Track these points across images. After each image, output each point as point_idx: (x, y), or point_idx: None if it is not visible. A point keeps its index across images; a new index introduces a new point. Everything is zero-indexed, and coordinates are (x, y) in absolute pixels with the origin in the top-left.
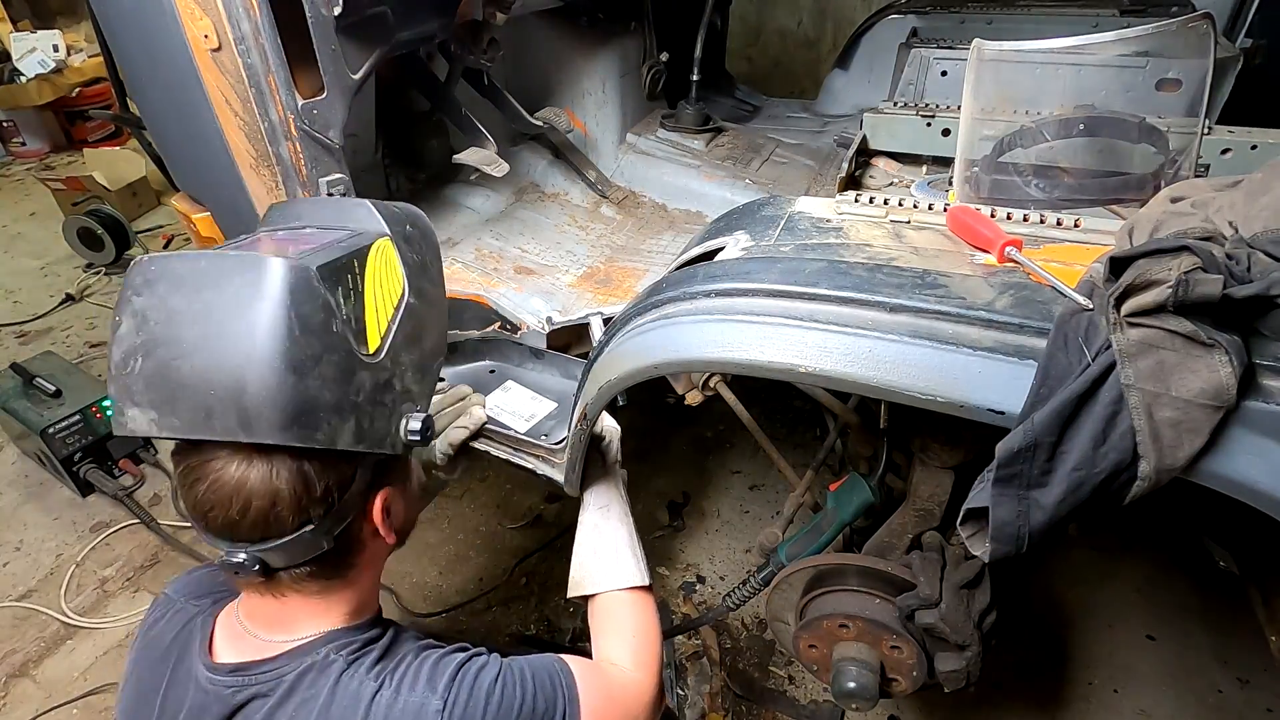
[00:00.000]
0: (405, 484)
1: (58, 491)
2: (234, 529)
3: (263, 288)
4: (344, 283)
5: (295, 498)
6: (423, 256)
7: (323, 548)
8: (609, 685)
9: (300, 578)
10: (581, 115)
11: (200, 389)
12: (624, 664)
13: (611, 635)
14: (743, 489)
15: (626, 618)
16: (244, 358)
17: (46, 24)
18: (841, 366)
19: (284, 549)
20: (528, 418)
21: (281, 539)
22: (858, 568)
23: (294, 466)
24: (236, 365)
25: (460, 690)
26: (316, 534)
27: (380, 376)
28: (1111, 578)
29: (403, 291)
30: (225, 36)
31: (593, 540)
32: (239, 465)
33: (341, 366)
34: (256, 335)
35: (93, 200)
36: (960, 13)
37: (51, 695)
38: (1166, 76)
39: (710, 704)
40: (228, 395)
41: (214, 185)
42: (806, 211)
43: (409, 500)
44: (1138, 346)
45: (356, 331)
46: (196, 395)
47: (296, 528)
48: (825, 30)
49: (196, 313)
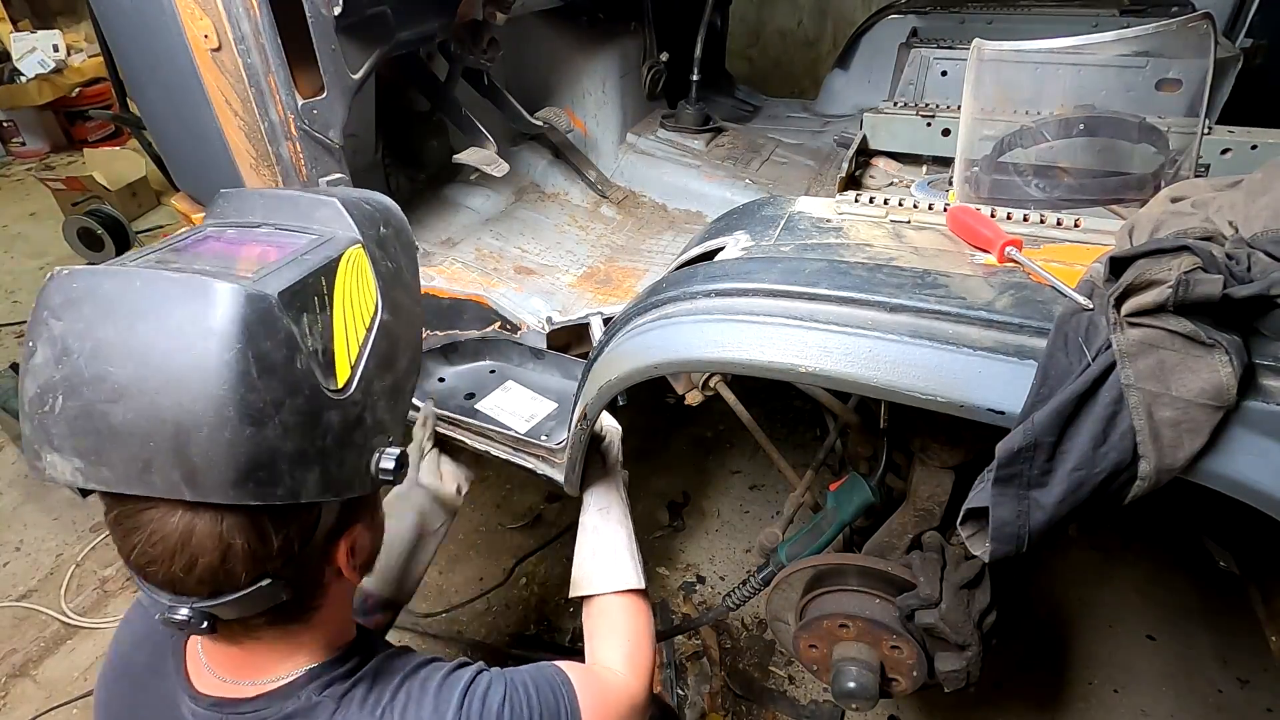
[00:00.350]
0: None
1: (58, 491)
2: (177, 584)
3: (212, 321)
4: (309, 307)
5: (249, 551)
6: (397, 262)
7: (281, 599)
8: (604, 690)
9: (256, 627)
10: (581, 115)
11: (136, 438)
12: (617, 667)
13: (606, 638)
14: (743, 489)
15: (621, 621)
16: (190, 404)
17: (46, 24)
18: (841, 366)
19: (236, 604)
20: (528, 418)
21: (234, 594)
22: (858, 568)
23: (246, 519)
24: (180, 413)
25: (470, 713)
26: (274, 587)
27: (350, 413)
28: (1111, 578)
29: (376, 308)
30: (225, 36)
31: (591, 542)
32: (182, 515)
33: (306, 410)
34: (205, 379)
35: (93, 200)
36: (960, 13)
37: (51, 695)
38: (1166, 76)
39: (710, 704)
40: (169, 447)
41: (214, 185)
42: (806, 211)
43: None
44: (1138, 346)
45: (324, 364)
46: (131, 445)
47: (251, 582)
48: (825, 30)
49: (130, 347)
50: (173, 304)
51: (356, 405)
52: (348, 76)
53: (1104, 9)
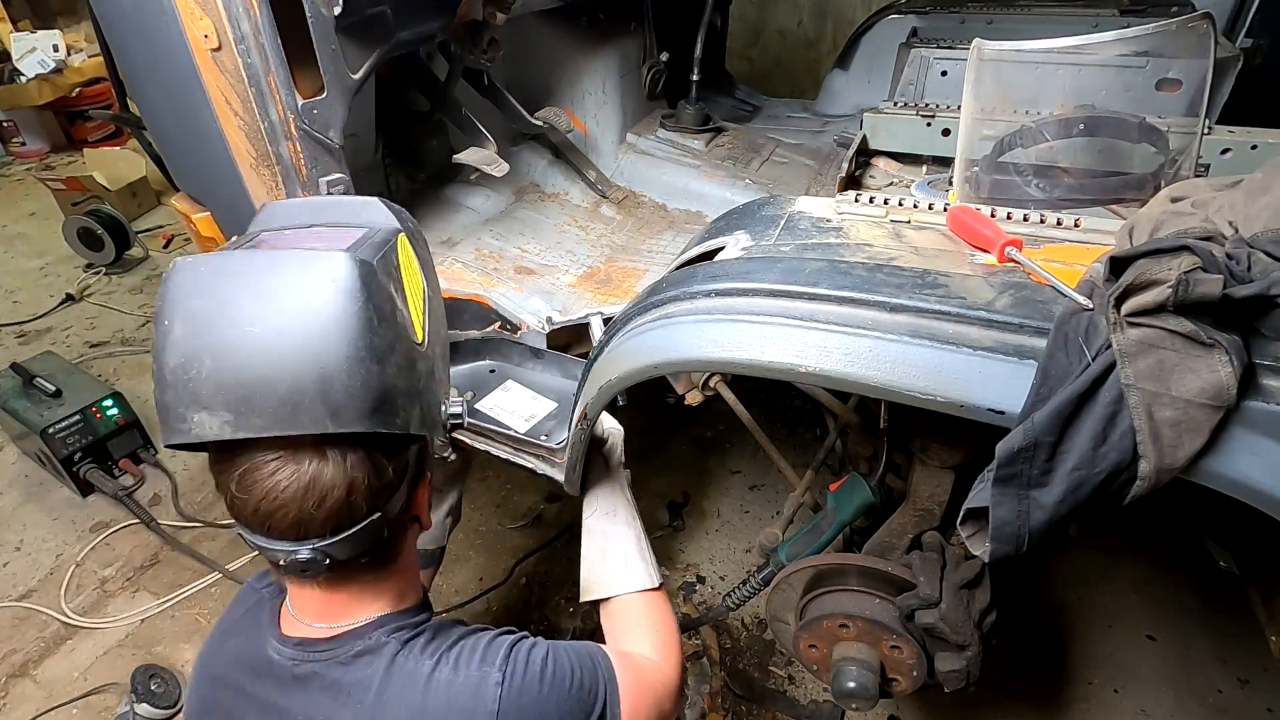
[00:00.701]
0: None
1: (58, 491)
2: (305, 525)
3: (337, 282)
4: (392, 276)
5: (369, 484)
6: (426, 252)
7: (383, 535)
8: (639, 671)
9: (356, 569)
10: (581, 115)
11: (283, 386)
12: (649, 655)
13: (633, 632)
14: (743, 489)
15: (644, 615)
16: (331, 350)
17: (46, 24)
18: (841, 366)
19: (353, 539)
20: (528, 418)
21: (353, 529)
22: (858, 568)
23: (364, 454)
24: (324, 358)
25: (516, 664)
26: (380, 522)
27: (428, 364)
28: (1111, 578)
29: (423, 285)
30: (225, 36)
31: (600, 545)
32: (309, 460)
33: (408, 355)
34: (342, 327)
35: (93, 200)
36: (960, 13)
37: (51, 695)
38: (1166, 76)
39: (710, 704)
40: (315, 389)
41: (214, 185)
42: (806, 211)
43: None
44: (1138, 346)
45: (408, 322)
46: (280, 391)
47: (367, 515)
48: (825, 30)
49: (268, 311)
50: (298, 273)
51: (429, 358)
52: (348, 76)
53: (1104, 9)
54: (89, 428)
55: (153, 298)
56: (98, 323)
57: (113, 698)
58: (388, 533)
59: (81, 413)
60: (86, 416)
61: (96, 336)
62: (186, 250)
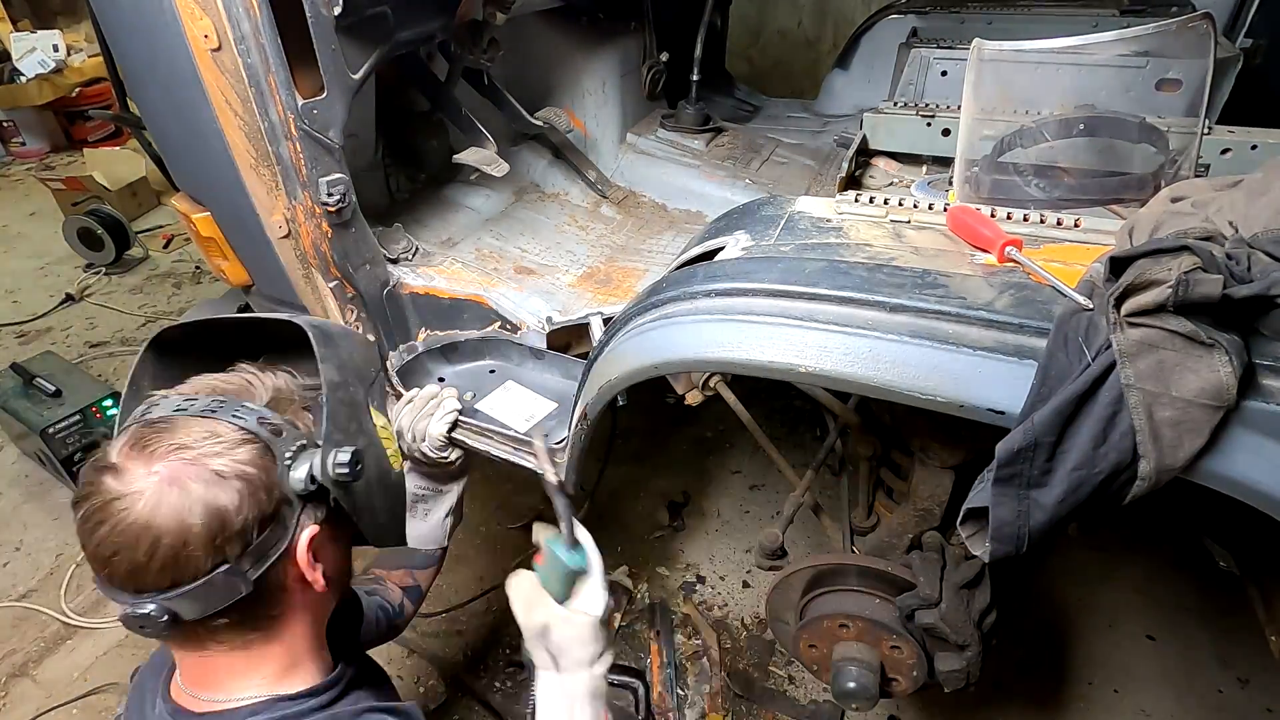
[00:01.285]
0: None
1: (58, 491)
2: (140, 575)
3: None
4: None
5: (209, 534)
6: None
7: (240, 592)
8: None
9: (217, 630)
10: (581, 115)
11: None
12: None
13: None
14: (743, 489)
15: None
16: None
17: (46, 24)
18: (841, 366)
19: (195, 595)
20: (528, 418)
21: (193, 583)
22: (858, 567)
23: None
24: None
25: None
26: (232, 575)
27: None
28: (1111, 578)
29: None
30: (225, 36)
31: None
32: (146, 502)
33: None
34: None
35: (93, 200)
36: (960, 13)
37: (51, 695)
38: (1166, 76)
39: (710, 704)
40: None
41: (214, 185)
42: (806, 211)
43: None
44: (1138, 346)
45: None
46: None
47: (209, 569)
48: (825, 30)
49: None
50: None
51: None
52: (348, 76)
53: (1104, 9)
54: (89, 428)
55: (152, 298)
56: (98, 323)
57: (113, 698)
58: (253, 591)
59: (81, 413)
60: (86, 416)
61: (96, 336)
62: (186, 250)
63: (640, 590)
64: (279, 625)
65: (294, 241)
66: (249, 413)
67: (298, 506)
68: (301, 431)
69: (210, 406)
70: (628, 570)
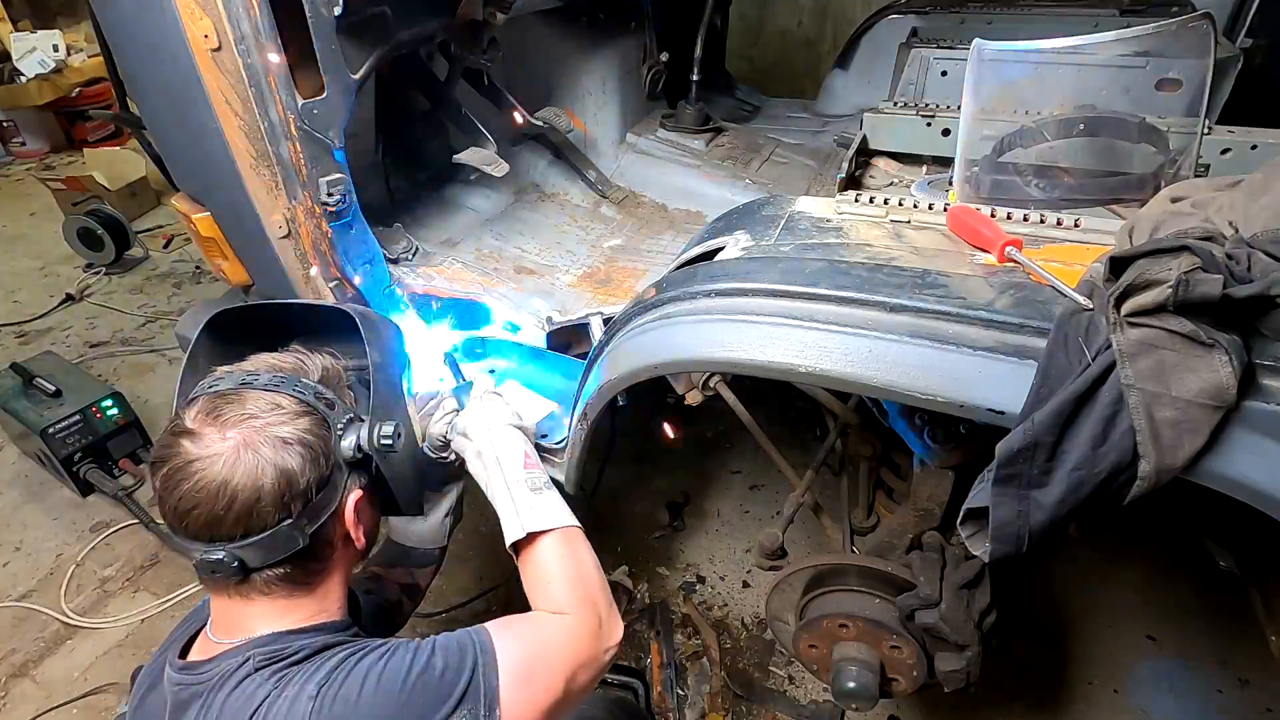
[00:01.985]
0: (373, 494)
1: (58, 491)
2: (216, 526)
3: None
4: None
5: (277, 491)
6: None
7: (298, 544)
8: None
9: (271, 580)
10: (581, 115)
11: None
12: (564, 607)
13: (552, 583)
14: (743, 489)
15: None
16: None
17: (46, 24)
18: (841, 366)
19: (262, 545)
20: (528, 418)
21: (261, 534)
22: (858, 568)
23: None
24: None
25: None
26: (294, 529)
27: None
28: (1111, 578)
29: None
30: (225, 36)
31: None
32: (224, 463)
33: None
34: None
35: (93, 200)
36: (960, 13)
37: (51, 695)
38: (1166, 76)
39: (710, 704)
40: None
41: (214, 185)
42: (806, 211)
43: (375, 511)
44: (1138, 346)
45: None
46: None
47: (276, 523)
48: (825, 30)
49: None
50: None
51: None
52: (348, 76)
53: (1104, 9)
54: (89, 428)
55: (153, 298)
56: (98, 323)
57: (112, 698)
58: (308, 545)
59: (81, 413)
60: (86, 416)
61: (96, 336)
62: (186, 250)
63: (640, 590)
64: (320, 578)
65: (294, 241)
66: (306, 388)
67: (346, 472)
68: (349, 406)
69: (273, 381)
70: (628, 570)
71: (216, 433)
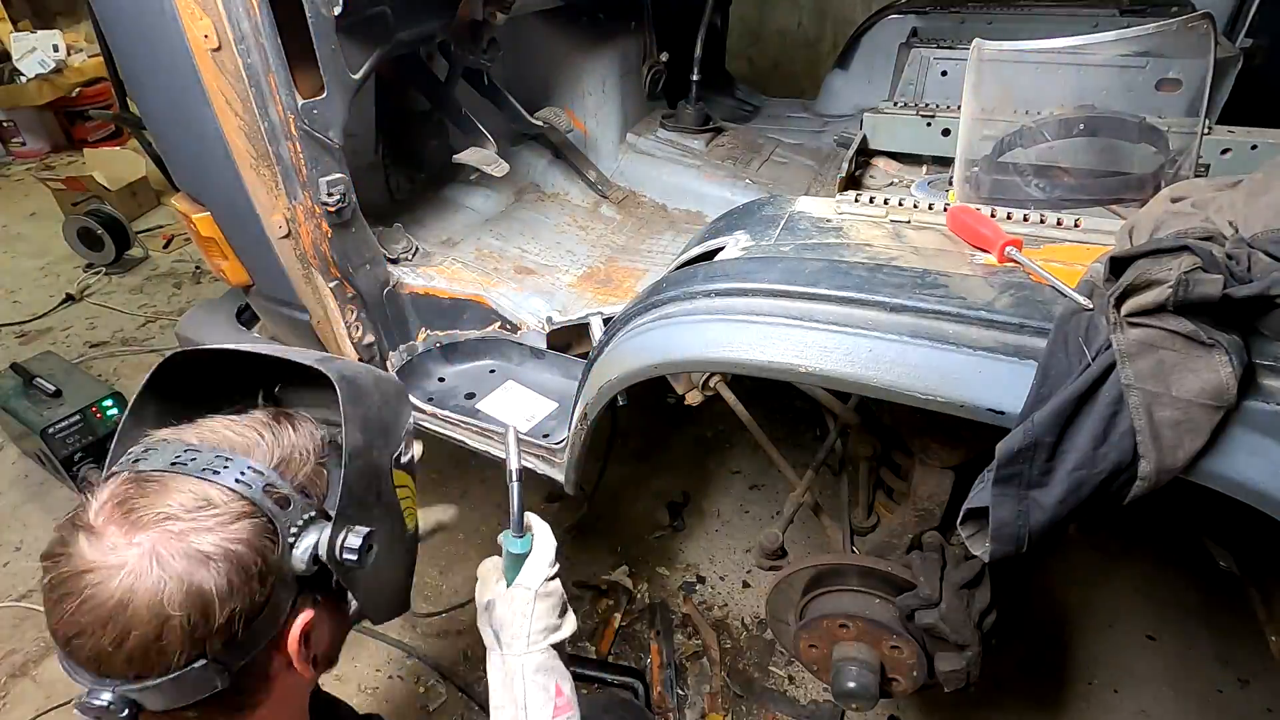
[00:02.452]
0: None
1: (58, 491)
2: (104, 662)
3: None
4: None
5: (188, 627)
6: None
7: (216, 687)
8: None
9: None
10: (581, 115)
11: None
12: None
13: None
14: (743, 489)
15: None
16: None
17: (46, 24)
18: (841, 366)
19: (163, 690)
20: (528, 418)
21: (163, 676)
22: (858, 568)
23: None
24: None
25: None
26: (207, 671)
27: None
28: (1111, 578)
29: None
30: (225, 36)
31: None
32: (122, 580)
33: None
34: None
35: (93, 200)
36: (960, 13)
37: (51, 695)
38: (1166, 76)
39: (710, 704)
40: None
41: (214, 185)
42: (806, 211)
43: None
44: (1138, 346)
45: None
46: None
47: (183, 664)
48: (825, 30)
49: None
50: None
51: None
52: (348, 76)
53: (1104, 9)
54: (89, 428)
55: (153, 298)
56: (98, 323)
57: None
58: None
59: (81, 413)
60: (86, 416)
61: (96, 336)
62: (186, 250)
63: (640, 590)
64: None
65: (294, 241)
66: (255, 477)
67: (295, 589)
68: (312, 500)
69: (212, 465)
70: (628, 570)
71: (121, 535)
